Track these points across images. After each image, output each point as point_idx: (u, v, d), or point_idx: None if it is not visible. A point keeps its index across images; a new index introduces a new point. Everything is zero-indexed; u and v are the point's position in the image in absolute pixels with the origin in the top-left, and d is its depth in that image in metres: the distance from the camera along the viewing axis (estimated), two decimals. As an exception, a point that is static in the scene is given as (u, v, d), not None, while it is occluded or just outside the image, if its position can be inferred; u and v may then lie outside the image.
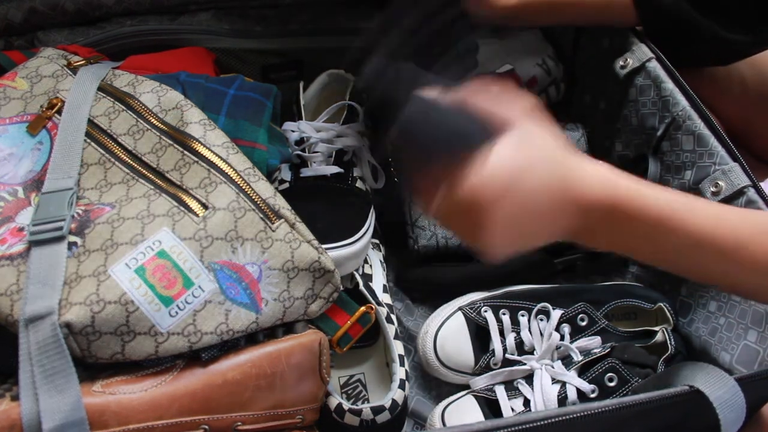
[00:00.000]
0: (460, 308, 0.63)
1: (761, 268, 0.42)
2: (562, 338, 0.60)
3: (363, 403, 0.53)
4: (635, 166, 0.70)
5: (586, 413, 0.39)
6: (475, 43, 0.59)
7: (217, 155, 0.50)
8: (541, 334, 0.61)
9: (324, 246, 0.53)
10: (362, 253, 0.60)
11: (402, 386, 0.56)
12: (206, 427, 0.44)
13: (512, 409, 0.56)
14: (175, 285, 0.45)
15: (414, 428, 0.62)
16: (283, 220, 0.50)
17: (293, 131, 0.65)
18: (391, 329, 0.60)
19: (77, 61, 0.57)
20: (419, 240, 0.69)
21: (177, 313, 0.44)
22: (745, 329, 0.54)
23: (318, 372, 0.49)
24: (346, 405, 0.52)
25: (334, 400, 0.53)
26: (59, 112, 0.53)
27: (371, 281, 0.63)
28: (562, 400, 0.55)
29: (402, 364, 0.58)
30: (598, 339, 0.60)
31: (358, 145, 0.66)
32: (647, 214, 0.41)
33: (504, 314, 0.62)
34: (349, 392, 0.61)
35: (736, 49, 0.65)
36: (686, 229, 0.42)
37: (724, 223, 0.42)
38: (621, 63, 0.70)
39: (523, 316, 0.62)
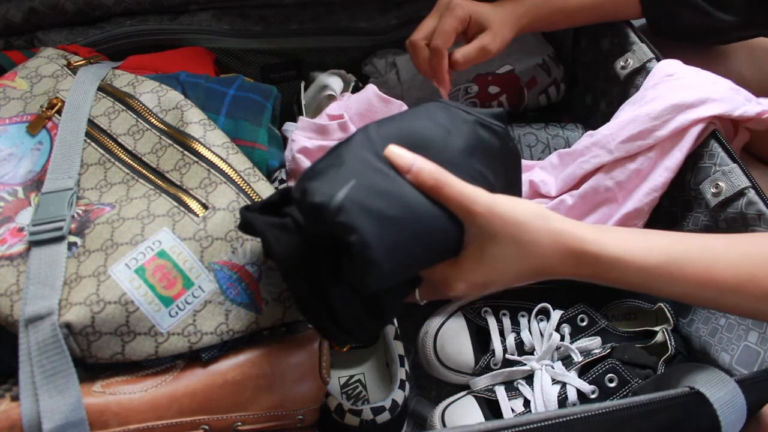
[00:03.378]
0: (460, 308, 0.63)
1: None
2: (563, 339, 0.60)
3: (363, 403, 0.53)
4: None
5: (586, 414, 0.39)
6: None
7: (217, 155, 0.50)
8: (541, 335, 0.61)
9: (324, 246, 0.52)
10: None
11: (402, 386, 0.56)
12: (206, 427, 0.44)
13: (512, 410, 0.56)
14: (175, 285, 0.44)
15: (414, 428, 0.62)
16: (283, 220, 0.50)
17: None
18: (391, 329, 0.60)
19: (77, 61, 0.57)
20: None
21: (177, 313, 0.44)
22: (746, 330, 0.54)
23: (318, 372, 0.49)
24: (346, 405, 0.52)
25: (334, 400, 0.53)
26: (59, 112, 0.52)
27: (371, 281, 0.63)
28: (563, 400, 0.55)
29: (402, 365, 0.58)
30: (598, 339, 0.60)
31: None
32: (631, 277, 0.41)
33: (504, 315, 0.62)
34: (349, 392, 0.61)
35: (725, 28, 0.68)
36: (681, 278, 0.41)
37: (721, 264, 0.41)
38: (621, 63, 0.69)
39: (523, 316, 0.62)
